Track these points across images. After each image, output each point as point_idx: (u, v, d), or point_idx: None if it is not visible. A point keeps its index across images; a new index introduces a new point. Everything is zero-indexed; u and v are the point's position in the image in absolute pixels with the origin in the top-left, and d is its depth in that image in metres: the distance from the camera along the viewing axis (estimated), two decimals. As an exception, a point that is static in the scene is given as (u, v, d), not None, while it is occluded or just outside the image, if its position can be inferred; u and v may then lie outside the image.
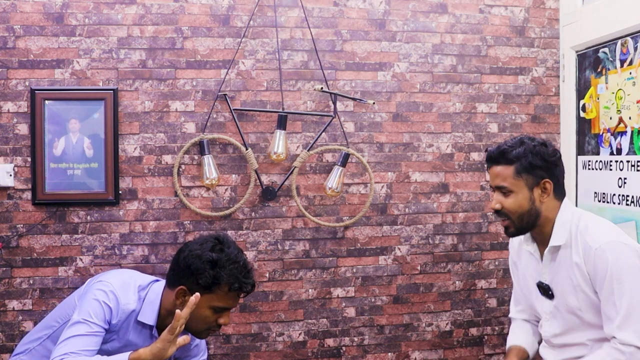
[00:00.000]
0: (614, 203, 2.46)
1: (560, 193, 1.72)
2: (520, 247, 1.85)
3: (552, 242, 1.68)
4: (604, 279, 1.56)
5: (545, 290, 1.73)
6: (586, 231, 1.64)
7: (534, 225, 1.70)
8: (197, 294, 1.60)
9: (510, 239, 1.92)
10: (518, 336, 1.90)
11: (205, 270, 1.65)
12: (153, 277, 1.86)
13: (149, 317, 1.73)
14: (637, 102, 2.35)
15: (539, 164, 1.66)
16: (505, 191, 1.68)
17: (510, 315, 2.00)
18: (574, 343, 1.68)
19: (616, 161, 2.46)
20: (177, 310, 1.58)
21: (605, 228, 1.65)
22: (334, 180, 2.64)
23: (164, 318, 1.75)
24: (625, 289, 1.53)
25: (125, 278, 1.78)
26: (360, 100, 2.68)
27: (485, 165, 1.78)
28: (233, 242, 1.78)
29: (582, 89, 2.75)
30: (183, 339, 1.59)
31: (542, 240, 1.74)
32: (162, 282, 1.81)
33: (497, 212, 1.71)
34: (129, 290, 1.74)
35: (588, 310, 1.64)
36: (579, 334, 1.68)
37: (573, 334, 1.69)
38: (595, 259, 1.58)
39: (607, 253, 1.57)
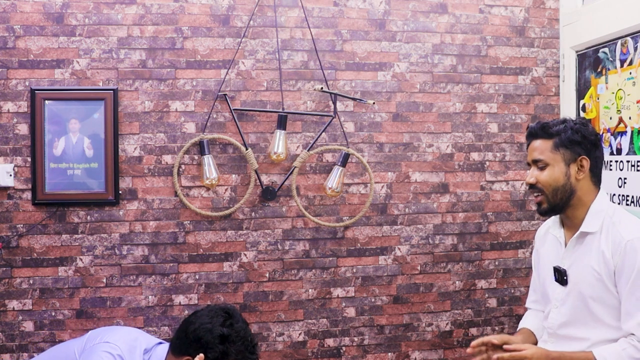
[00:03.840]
0: (614, 203, 2.46)
1: (597, 178, 1.72)
2: (547, 233, 1.86)
3: (583, 228, 1.68)
4: (630, 273, 1.56)
5: (561, 275, 1.73)
6: (620, 223, 1.64)
7: (567, 204, 1.70)
8: (202, 355, 1.63)
9: (539, 228, 1.94)
10: (528, 321, 1.93)
11: (215, 345, 1.67)
12: (157, 340, 1.86)
13: None
14: (637, 102, 2.35)
15: (578, 140, 1.67)
16: (541, 165, 1.70)
17: (526, 305, 2.02)
18: (576, 337, 1.67)
19: (616, 161, 2.46)
20: None
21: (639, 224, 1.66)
22: (334, 180, 2.64)
23: None
24: None
25: (131, 340, 1.78)
26: (360, 100, 2.68)
27: (526, 143, 1.80)
28: (240, 315, 1.81)
29: (582, 89, 2.75)
30: None
31: (571, 226, 1.74)
32: (166, 346, 1.81)
33: (531, 187, 1.72)
34: (135, 354, 1.74)
35: (599, 302, 1.63)
36: (582, 328, 1.67)
37: (577, 326, 1.68)
38: (626, 250, 1.58)
39: (639, 247, 1.56)
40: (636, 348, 1.53)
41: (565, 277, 1.72)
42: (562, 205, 1.70)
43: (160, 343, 1.83)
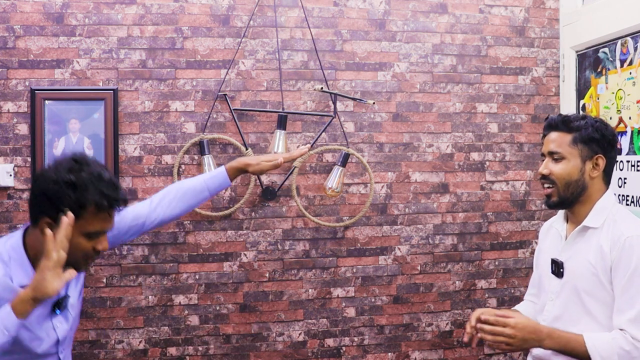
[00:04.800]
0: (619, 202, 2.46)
1: (608, 177, 1.73)
2: (551, 227, 1.88)
3: (586, 222, 1.69)
4: (626, 269, 1.56)
5: (558, 267, 1.74)
6: (621, 220, 1.65)
7: (576, 199, 1.70)
8: (70, 213, 1.42)
9: (544, 224, 1.95)
10: (521, 305, 1.96)
11: (66, 195, 1.44)
12: (6, 236, 1.63)
13: (23, 276, 1.51)
14: (637, 102, 2.35)
15: (597, 138, 1.67)
16: (557, 157, 1.69)
17: (524, 297, 2.04)
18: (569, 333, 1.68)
19: (616, 161, 2.46)
20: (47, 230, 1.40)
21: None
22: (334, 180, 2.64)
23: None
24: None
25: None
26: (360, 100, 2.68)
27: (542, 134, 1.80)
28: (94, 159, 1.56)
29: (582, 89, 2.75)
30: (69, 273, 1.42)
31: (574, 221, 1.75)
32: (15, 236, 1.59)
33: (544, 177, 1.72)
34: None
35: (592, 297, 1.64)
36: (575, 323, 1.67)
37: (570, 321, 1.69)
38: (624, 246, 1.58)
39: (636, 245, 1.57)
40: (626, 340, 1.54)
41: (561, 270, 1.73)
42: (572, 200, 1.71)
43: (8, 237, 1.60)
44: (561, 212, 1.83)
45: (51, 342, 1.58)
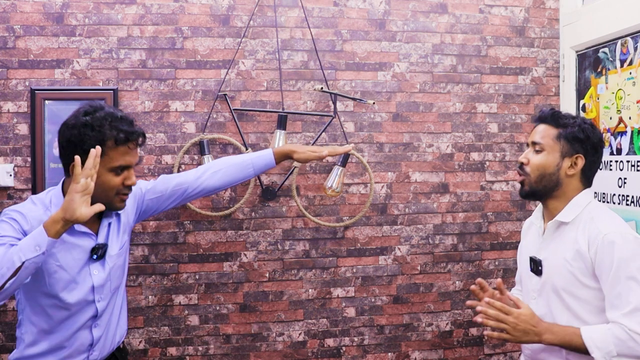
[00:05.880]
0: (614, 203, 2.46)
1: (587, 180, 1.75)
2: (531, 224, 1.90)
3: (559, 217, 1.71)
4: (610, 268, 1.58)
5: (536, 265, 1.76)
6: (598, 217, 1.66)
7: (549, 193, 1.74)
8: (98, 146, 1.56)
9: (525, 221, 1.98)
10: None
11: (86, 135, 1.60)
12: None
13: None
14: (637, 102, 2.35)
15: (581, 138, 1.71)
16: (538, 149, 1.74)
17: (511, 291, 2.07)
18: None
19: (616, 161, 2.46)
20: (76, 157, 1.52)
21: (617, 220, 1.68)
22: (334, 180, 2.64)
23: None
24: (633, 284, 1.55)
25: (20, 203, 1.72)
26: (360, 100, 2.68)
27: (535, 125, 1.84)
28: (110, 106, 1.72)
29: (582, 89, 2.75)
30: (98, 206, 1.56)
31: (549, 216, 1.78)
32: (56, 187, 1.75)
33: (520, 166, 1.78)
34: (28, 204, 1.68)
35: (571, 295, 1.66)
36: (559, 322, 1.68)
37: (554, 321, 1.70)
38: (603, 244, 1.59)
39: (616, 242, 1.58)
40: (623, 330, 1.55)
41: (540, 268, 1.74)
42: (543, 192, 1.74)
43: (52, 188, 1.76)
44: (540, 208, 1.85)
45: (87, 288, 1.71)
